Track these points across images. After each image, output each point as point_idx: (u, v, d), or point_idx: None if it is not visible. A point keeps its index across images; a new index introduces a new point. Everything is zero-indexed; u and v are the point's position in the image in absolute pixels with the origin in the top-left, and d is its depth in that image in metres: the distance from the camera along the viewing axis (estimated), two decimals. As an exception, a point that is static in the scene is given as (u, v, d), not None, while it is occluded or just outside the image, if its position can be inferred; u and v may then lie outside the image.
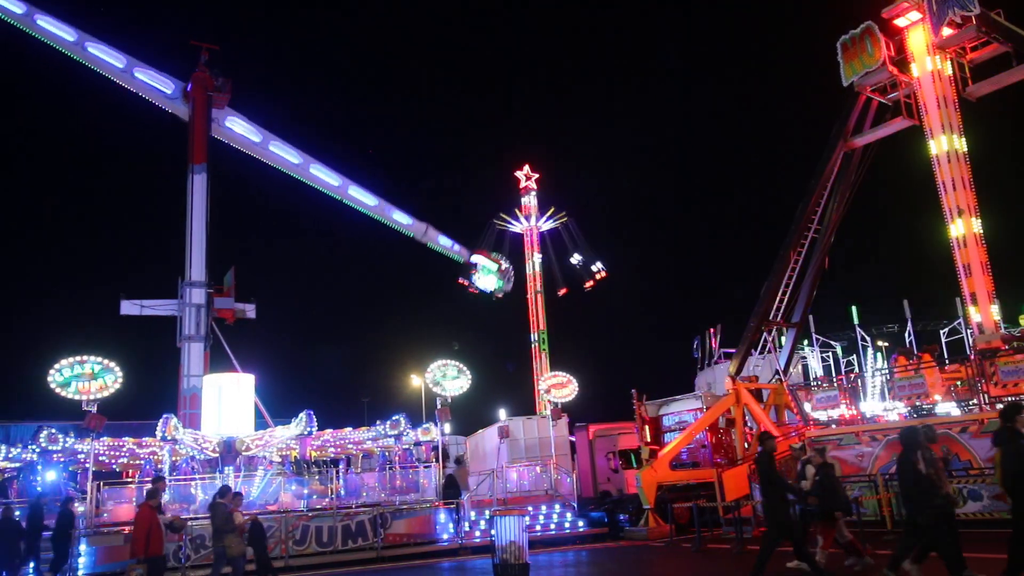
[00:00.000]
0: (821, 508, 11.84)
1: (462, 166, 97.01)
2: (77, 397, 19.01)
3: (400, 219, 35.27)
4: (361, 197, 34.21)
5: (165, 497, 19.31)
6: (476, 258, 36.20)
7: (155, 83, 30.51)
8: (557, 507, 22.70)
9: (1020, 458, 9.49)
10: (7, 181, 78.26)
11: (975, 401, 17.56)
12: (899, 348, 29.06)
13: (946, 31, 22.62)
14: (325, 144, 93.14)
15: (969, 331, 22.36)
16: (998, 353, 18.42)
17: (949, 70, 23.00)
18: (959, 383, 19.07)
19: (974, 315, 21.73)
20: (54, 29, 28.88)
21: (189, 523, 17.63)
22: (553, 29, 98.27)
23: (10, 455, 22.82)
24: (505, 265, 36.47)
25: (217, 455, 22.24)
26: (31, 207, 77.17)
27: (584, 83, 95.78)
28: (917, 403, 18.94)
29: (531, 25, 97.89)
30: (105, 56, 29.59)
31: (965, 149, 22.58)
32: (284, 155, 32.70)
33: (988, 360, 17.67)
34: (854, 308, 36.52)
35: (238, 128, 31.60)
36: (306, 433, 22.16)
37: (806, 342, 35.66)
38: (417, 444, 25.59)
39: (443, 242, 36.62)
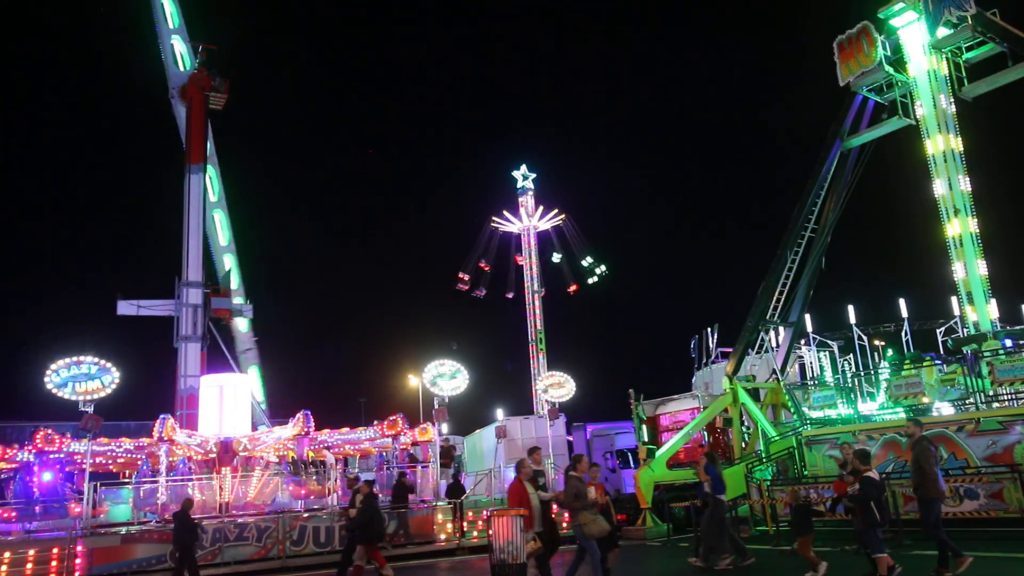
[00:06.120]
0: (362, 533, 14.09)
1: (459, 166, 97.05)
2: (74, 398, 19.00)
3: None
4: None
5: (162, 498, 19.36)
6: None
7: (178, 61, 31.17)
8: (554, 507, 22.64)
9: None
10: (4, 181, 78.10)
11: (971, 400, 17.59)
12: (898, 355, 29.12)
13: (942, 31, 22.68)
14: (324, 144, 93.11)
15: (965, 330, 22.39)
16: (984, 352, 18.45)
17: (945, 70, 23.06)
18: (956, 381, 19.09)
19: (970, 314, 21.79)
20: None
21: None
22: (551, 30, 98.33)
23: (6, 456, 22.73)
24: None
25: (214, 455, 22.22)
26: (28, 207, 77.04)
27: (582, 83, 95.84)
28: (913, 401, 18.97)
29: (529, 25, 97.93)
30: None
31: (961, 149, 22.64)
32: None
33: (984, 359, 17.69)
34: (851, 307, 36.52)
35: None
36: (303, 433, 22.15)
37: (803, 341, 35.68)
38: (415, 444, 25.58)
39: None
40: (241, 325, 30.97)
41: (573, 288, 41.75)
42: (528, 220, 42.42)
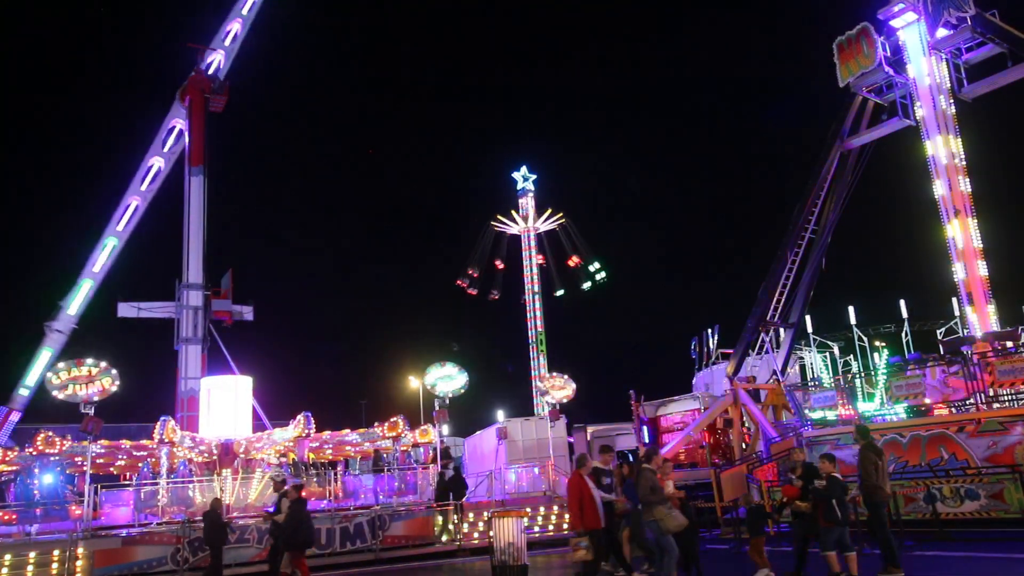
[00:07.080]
0: (288, 540, 13.47)
1: (460, 167, 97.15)
2: (74, 400, 18.99)
3: None
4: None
5: (163, 500, 19.34)
6: None
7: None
8: (556, 508, 22.68)
9: None
10: (4, 181, 78.16)
11: (971, 401, 17.57)
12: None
13: (941, 32, 22.70)
14: (324, 145, 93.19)
15: (965, 331, 22.40)
16: (985, 354, 18.45)
17: (945, 71, 23.08)
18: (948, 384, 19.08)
19: (970, 315, 21.79)
20: None
21: (187, 526, 17.57)
22: (552, 31, 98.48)
23: (7, 458, 22.71)
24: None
25: (215, 457, 22.22)
26: (28, 207, 77.12)
27: (582, 84, 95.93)
28: (914, 403, 18.96)
29: (530, 26, 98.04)
30: None
31: (961, 150, 22.65)
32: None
33: (984, 359, 17.68)
34: (851, 308, 36.54)
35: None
36: (304, 435, 22.14)
37: (803, 342, 35.72)
38: (415, 446, 25.55)
39: None
40: (72, 308, 29.75)
41: (587, 285, 41.84)
42: (528, 221, 42.44)
